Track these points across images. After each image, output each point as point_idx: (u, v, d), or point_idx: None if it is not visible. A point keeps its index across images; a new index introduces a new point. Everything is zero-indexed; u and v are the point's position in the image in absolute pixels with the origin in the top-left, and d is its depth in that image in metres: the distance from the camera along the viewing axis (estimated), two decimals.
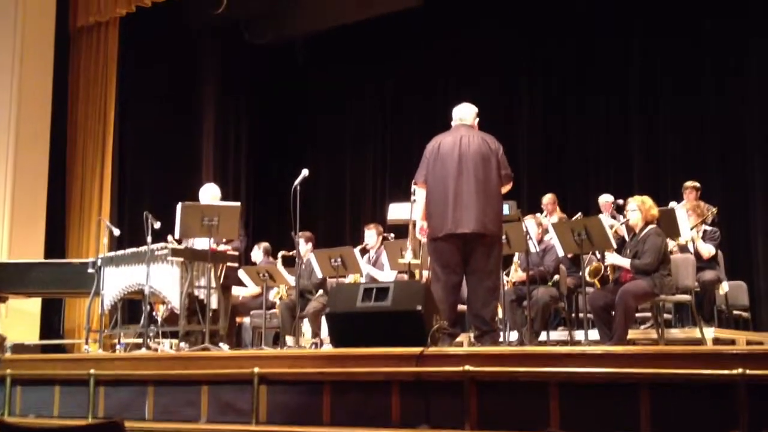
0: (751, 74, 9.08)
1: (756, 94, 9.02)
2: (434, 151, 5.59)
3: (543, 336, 7.00)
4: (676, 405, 3.65)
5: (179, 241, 6.54)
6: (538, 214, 7.92)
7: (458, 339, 6.02)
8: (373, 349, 4.47)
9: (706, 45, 9.32)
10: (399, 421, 4.20)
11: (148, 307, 6.47)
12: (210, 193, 7.05)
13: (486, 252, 5.46)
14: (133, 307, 8.31)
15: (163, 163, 10.45)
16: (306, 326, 8.16)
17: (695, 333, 6.35)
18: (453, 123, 5.77)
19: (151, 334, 6.68)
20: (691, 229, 6.99)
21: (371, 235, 8.17)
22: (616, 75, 9.89)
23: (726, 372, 3.54)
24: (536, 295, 6.79)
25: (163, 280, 6.32)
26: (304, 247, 8.15)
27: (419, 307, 4.67)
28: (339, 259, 7.36)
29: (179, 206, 6.26)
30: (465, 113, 5.75)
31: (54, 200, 9.92)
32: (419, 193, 5.67)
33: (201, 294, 6.38)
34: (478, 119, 5.77)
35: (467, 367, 4.06)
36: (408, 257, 6.96)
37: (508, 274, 7.23)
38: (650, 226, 6.23)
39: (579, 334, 6.73)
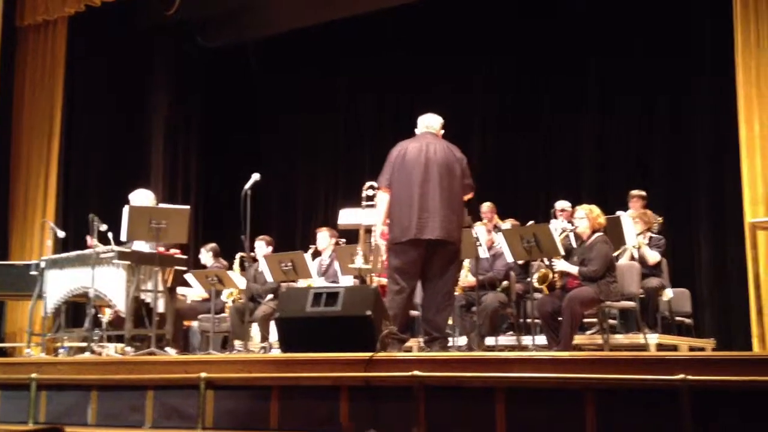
0: (699, 88, 9.27)
1: (703, 107, 9.23)
2: (400, 157, 5.60)
3: (491, 341, 7.06)
4: (621, 410, 3.71)
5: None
6: (488, 222, 8.00)
7: (408, 344, 6.04)
8: (323, 354, 4.46)
9: (657, 59, 9.49)
10: (348, 426, 4.19)
11: (93, 311, 6.36)
12: (147, 199, 6.90)
13: (447, 259, 5.51)
14: (77, 311, 8.16)
15: (110, 165, 10.29)
16: (255, 330, 8.10)
17: (639, 339, 6.47)
18: (418, 131, 5.81)
19: (95, 338, 6.56)
20: (638, 235, 7.13)
21: (323, 237, 8.12)
22: (567, 88, 10.02)
23: (668, 378, 3.60)
24: (485, 300, 6.85)
25: (109, 283, 6.22)
26: (265, 250, 8.10)
27: (369, 312, 4.68)
28: (290, 264, 7.32)
29: (126, 208, 6.17)
30: (432, 122, 5.81)
31: None
32: (381, 197, 5.68)
33: (147, 298, 6.30)
34: (443, 131, 5.82)
35: (416, 373, 4.07)
36: (359, 262, 6.97)
37: (457, 281, 7.28)
38: (597, 234, 6.34)
39: (527, 340, 6.81)
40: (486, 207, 8.60)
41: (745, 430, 3.42)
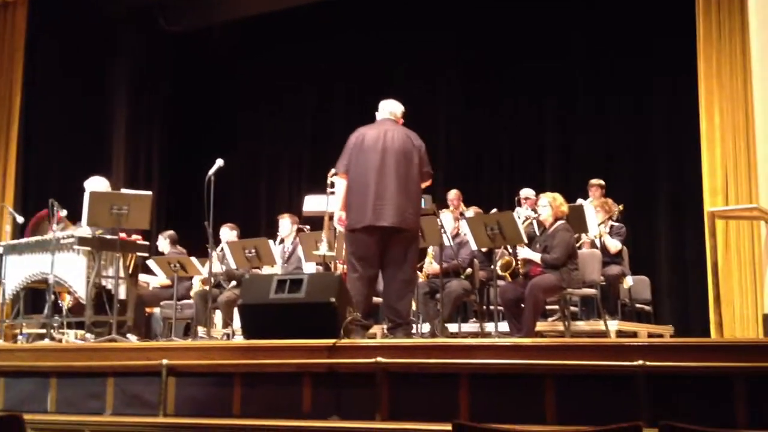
0: (658, 78, 9.38)
1: (665, 97, 9.35)
2: (358, 143, 5.59)
3: (454, 328, 7.09)
4: (581, 395, 3.76)
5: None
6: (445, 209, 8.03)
7: (371, 331, 6.05)
8: (286, 340, 4.45)
9: (617, 48, 9.58)
10: (310, 413, 4.20)
11: (53, 297, 6.27)
12: (101, 187, 6.79)
13: (404, 246, 5.51)
14: (37, 297, 8.04)
15: (71, 151, 10.11)
16: (219, 317, 8.06)
17: (600, 325, 6.55)
18: (378, 116, 5.79)
19: (55, 325, 6.47)
20: (599, 225, 7.21)
21: (285, 224, 8.08)
22: (531, 76, 10.08)
23: (627, 363, 3.66)
24: (449, 287, 6.88)
25: (69, 269, 6.14)
26: (230, 236, 8.05)
27: (333, 299, 4.67)
28: (253, 251, 7.28)
29: (87, 194, 6.08)
30: (393, 108, 5.80)
31: None
32: (339, 182, 5.67)
33: (109, 284, 6.23)
34: (403, 120, 5.82)
35: (379, 359, 4.08)
36: (323, 249, 6.95)
37: (422, 267, 7.30)
38: (559, 222, 6.40)
39: (489, 326, 6.86)
40: (453, 194, 8.64)
41: (701, 414, 3.48)
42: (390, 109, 5.79)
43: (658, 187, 9.36)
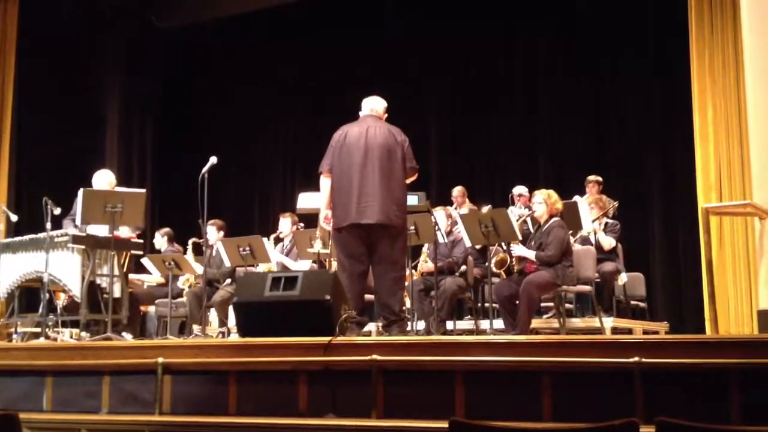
0: (652, 74, 9.40)
1: (655, 94, 9.37)
2: (340, 141, 5.59)
3: (450, 325, 7.10)
4: (577, 392, 3.76)
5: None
6: (448, 207, 8.02)
7: (367, 328, 6.05)
8: (281, 338, 4.45)
9: (610, 49, 9.60)
10: (306, 411, 4.19)
11: (48, 295, 6.26)
12: (105, 180, 6.80)
13: (390, 243, 5.50)
14: (31, 296, 8.02)
15: (64, 148, 10.08)
16: (213, 315, 8.04)
17: (595, 322, 6.57)
18: (361, 113, 5.78)
19: (50, 323, 6.46)
20: (593, 221, 7.22)
21: (286, 223, 8.08)
22: (527, 74, 10.09)
23: (623, 360, 3.66)
24: (444, 285, 6.88)
25: (63, 267, 6.14)
26: (216, 235, 8.03)
27: (328, 297, 4.67)
28: (248, 248, 7.27)
29: (81, 192, 6.07)
30: (375, 104, 5.78)
31: None
32: (324, 182, 5.66)
33: (103, 282, 6.22)
34: (387, 114, 5.80)
35: (375, 357, 4.08)
36: (317, 247, 6.96)
37: (416, 265, 7.31)
38: (554, 219, 6.41)
39: (484, 324, 6.87)
40: (457, 191, 8.63)
41: (696, 411, 3.49)
42: (371, 105, 5.77)
43: (651, 183, 9.38)
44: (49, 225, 6.08)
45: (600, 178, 7.98)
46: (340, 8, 10.65)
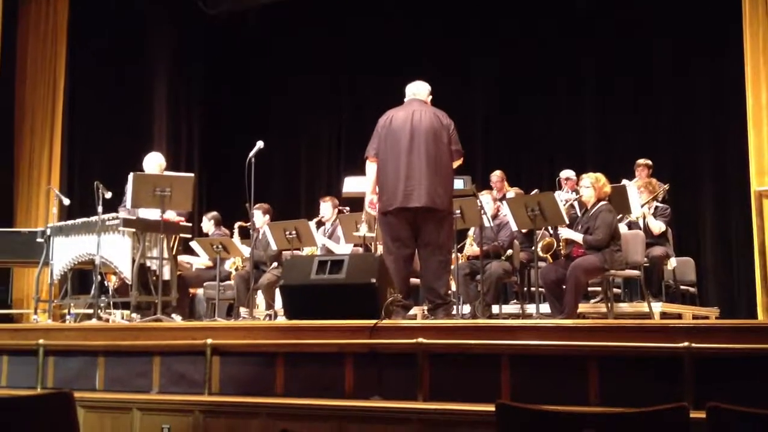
0: (701, 55, 9.21)
1: (709, 74, 9.18)
2: (386, 126, 5.59)
3: (495, 309, 7.08)
4: (624, 377, 3.73)
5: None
6: (492, 191, 7.99)
7: (412, 312, 6.07)
8: (327, 321, 4.48)
9: (661, 30, 9.42)
10: (352, 393, 4.23)
11: (99, 278, 6.39)
12: (155, 162, 6.93)
13: (436, 226, 5.50)
14: (83, 278, 8.20)
15: (114, 133, 10.25)
16: (260, 298, 8.13)
17: (643, 307, 6.48)
18: (406, 98, 5.77)
19: (102, 305, 6.60)
20: (643, 205, 7.11)
21: (326, 207, 8.14)
22: (571, 56, 9.96)
23: (672, 345, 3.62)
24: (489, 269, 6.86)
25: (114, 250, 6.25)
26: (262, 219, 8.11)
27: (373, 280, 4.70)
28: (294, 232, 7.33)
29: (131, 176, 6.17)
30: (419, 89, 5.77)
31: (1, 169, 9.68)
32: (370, 167, 5.67)
33: (153, 265, 6.33)
34: (431, 97, 5.78)
35: (420, 340, 4.09)
36: (363, 230, 6.99)
37: (462, 249, 7.29)
38: (602, 203, 6.32)
39: (531, 308, 6.83)
40: (495, 176, 8.59)
41: (747, 397, 3.43)
42: (414, 90, 5.76)
43: (703, 167, 9.21)
44: (100, 208, 6.19)
45: (650, 162, 7.85)
46: None
